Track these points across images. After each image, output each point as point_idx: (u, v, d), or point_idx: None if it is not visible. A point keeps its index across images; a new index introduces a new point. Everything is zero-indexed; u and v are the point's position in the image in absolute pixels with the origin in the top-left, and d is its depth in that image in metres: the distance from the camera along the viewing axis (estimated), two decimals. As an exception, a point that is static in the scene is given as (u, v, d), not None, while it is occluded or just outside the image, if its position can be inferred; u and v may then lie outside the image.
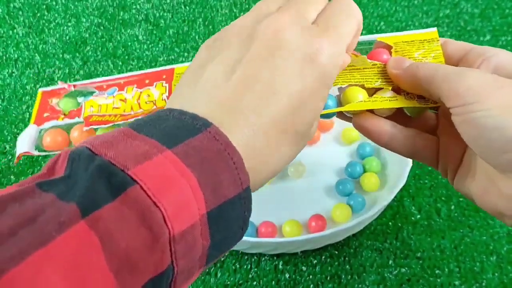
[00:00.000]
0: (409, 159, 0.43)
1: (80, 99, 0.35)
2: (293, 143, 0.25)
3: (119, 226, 0.18)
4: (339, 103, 0.32)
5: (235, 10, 0.66)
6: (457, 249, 0.42)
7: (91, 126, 0.33)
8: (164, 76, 0.35)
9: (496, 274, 0.40)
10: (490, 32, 0.61)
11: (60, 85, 0.35)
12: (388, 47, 0.32)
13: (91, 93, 0.35)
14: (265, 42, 0.24)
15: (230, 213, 0.22)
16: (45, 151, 0.33)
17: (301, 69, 0.24)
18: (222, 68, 0.24)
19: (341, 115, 0.32)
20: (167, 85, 0.34)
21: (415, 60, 0.31)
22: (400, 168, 0.43)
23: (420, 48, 0.32)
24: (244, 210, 0.23)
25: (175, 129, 0.22)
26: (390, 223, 0.44)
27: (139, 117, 0.25)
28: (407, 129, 0.31)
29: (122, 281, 0.18)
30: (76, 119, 0.34)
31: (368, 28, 0.62)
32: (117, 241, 0.18)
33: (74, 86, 0.35)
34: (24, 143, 0.33)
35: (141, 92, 0.34)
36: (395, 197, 0.45)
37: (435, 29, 0.32)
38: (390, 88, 0.30)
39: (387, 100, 0.30)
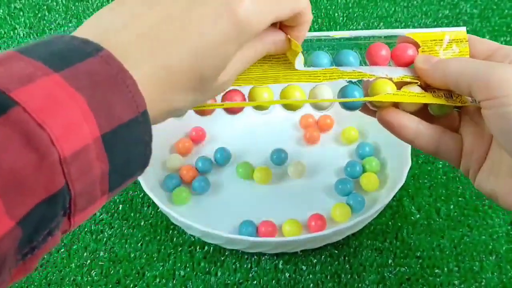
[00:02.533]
0: (408, 158, 0.43)
1: None
2: (197, 88, 0.25)
3: (1, 146, 0.18)
4: (366, 95, 0.32)
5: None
6: (456, 248, 0.42)
7: None
8: None
9: (495, 273, 0.41)
10: (489, 32, 0.61)
11: None
12: (415, 44, 0.33)
13: None
14: None
15: (127, 137, 0.22)
16: None
17: (218, 14, 0.24)
18: (140, 2, 0.25)
19: (365, 109, 0.33)
20: None
21: None
22: (399, 168, 0.43)
23: (447, 48, 0.32)
24: (143, 134, 0.23)
25: (65, 52, 0.21)
26: (389, 223, 0.44)
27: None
28: (433, 126, 0.31)
29: (8, 200, 0.18)
30: None
31: (367, 29, 0.62)
32: None
33: None
34: None
35: None
36: (395, 196, 0.45)
37: (464, 28, 0.32)
38: (418, 83, 0.31)
39: (415, 96, 0.31)
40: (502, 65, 0.27)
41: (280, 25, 0.29)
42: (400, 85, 0.32)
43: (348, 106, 0.33)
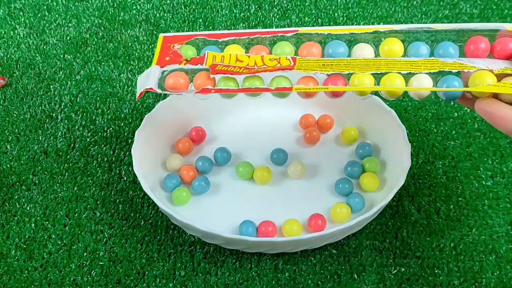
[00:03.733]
0: (408, 158, 0.43)
1: (200, 49, 0.38)
2: None
3: None
4: (466, 86, 0.33)
5: (235, 11, 0.66)
6: (456, 248, 0.42)
7: (218, 75, 0.35)
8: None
9: (495, 273, 0.41)
10: (489, 32, 0.61)
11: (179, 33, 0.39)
12: None
13: (211, 43, 0.38)
14: None
15: None
16: (167, 90, 0.36)
17: None
18: None
19: (463, 99, 0.34)
20: (291, 45, 0.37)
21: None
22: (399, 168, 0.43)
23: None
24: None
25: None
26: (389, 223, 0.44)
27: None
28: None
29: None
30: (199, 66, 0.36)
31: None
32: None
33: (195, 36, 0.38)
34: (148, 81, 0.36)
35: None
36: (394, 196, 0.45)
37: None
38: None
39: None
40: None
41: None
42: (500, 77, 0.33)
43: (448, 96, 0.34)
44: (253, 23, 0.64)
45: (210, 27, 0.64)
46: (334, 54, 0.36)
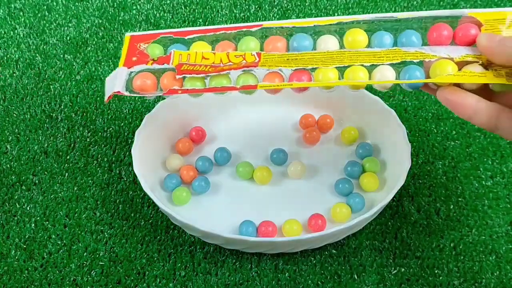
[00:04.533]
0: (408, 158, 0.43)
1: (167, 47, 0.37)
2: None
3: None
4: (427, 76, 0.33)
5: (235, 11, 0.66)
6: (456, 248, 0.42)
7: (183, 75, 0.35)
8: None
9: (495, 273, 0.41)
10: (489, 32, 0.61)
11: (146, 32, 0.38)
12: (478, 24, 0.33)
13: (178, 41, 0.37)
14: None
15: None
16: (135, 92, 0.36)
17: None
18: None
19: (425, 87, 0.35)
20: (257, 40, 0.37)
21: None
22: (399, 168, 0.43)
23: (510, 27, 0.33)
24: None
25: None
26: (389, 223, 0.44)
27: None
28: (492, 104, 0.31)
29: None
30: (165, 65, 0.36)
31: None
32: None
33: (161, 34, 0.37)
34: (116, 84, 0.35)
35: None
36: (394, 197, 0.45)
37: None
38: (480, 62, 0.32)
39: (476, 76, 0.32)
40: None
41: None
42: (461, 64, 0.33)
43: (411, 86, 0.34)
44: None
45: (210, 27, 0.64)
46: (299, 48, 0.36)
